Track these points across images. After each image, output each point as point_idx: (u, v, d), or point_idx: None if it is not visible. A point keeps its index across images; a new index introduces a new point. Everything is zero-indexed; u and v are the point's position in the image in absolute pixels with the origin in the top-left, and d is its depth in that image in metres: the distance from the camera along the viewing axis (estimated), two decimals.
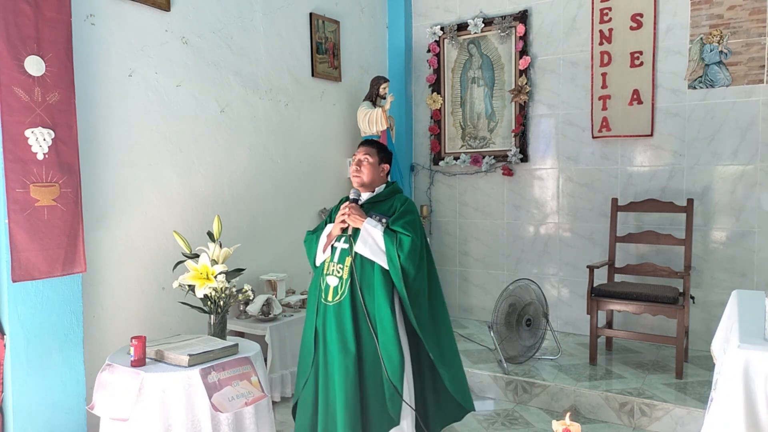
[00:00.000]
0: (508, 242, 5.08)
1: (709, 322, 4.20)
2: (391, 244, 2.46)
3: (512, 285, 4.05)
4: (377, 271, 2.51)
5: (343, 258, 2.56)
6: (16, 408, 2.60)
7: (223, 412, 2.28)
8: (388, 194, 2.68)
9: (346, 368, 2.45)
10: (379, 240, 2.48)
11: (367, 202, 2.64)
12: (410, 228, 2.50)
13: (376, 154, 2.67)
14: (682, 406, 3.28)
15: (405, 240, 2.45)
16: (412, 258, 2.46)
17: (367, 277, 2.51)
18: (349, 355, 2.46)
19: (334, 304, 2.54)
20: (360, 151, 2.68)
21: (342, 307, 2.51)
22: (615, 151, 4.59)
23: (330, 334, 2.52)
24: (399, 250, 2.45)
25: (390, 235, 2.47)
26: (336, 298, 2.53)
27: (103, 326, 3.06)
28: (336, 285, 2.55)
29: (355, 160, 2.67)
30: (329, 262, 2.61)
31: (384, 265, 2.49)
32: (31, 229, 2.60)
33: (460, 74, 5.26)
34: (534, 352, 4.14)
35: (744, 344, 1.88)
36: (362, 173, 2.64)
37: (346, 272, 2.53)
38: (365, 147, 2.70)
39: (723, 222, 4.22)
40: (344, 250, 2.56)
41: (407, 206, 2.60)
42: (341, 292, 2.53)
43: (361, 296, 2.49)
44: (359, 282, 2.49)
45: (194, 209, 3.57)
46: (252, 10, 4.00)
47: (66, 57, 2.73)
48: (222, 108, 3.78)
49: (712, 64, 4.18)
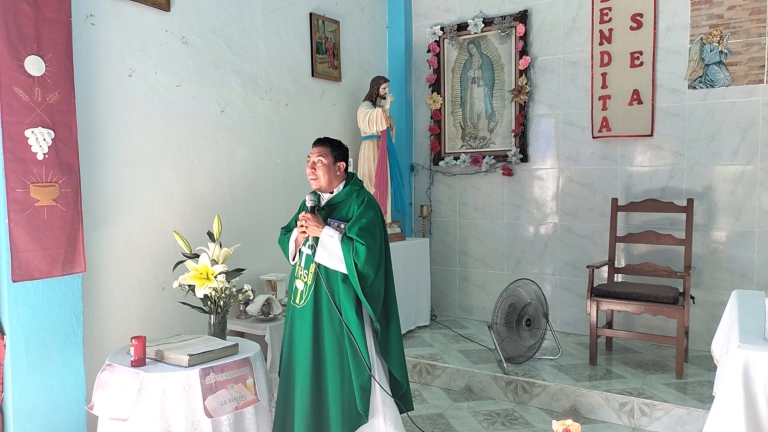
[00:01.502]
0: (508, 242, 5.08)
1: (709, 322, 4.20)
2: (348, 252, 2.47)
3: (512, 285, 4.05)
4: (340, 277, 2.54)
5: (308, 263, 2.61)
6: (16, 408, 2.60)
7: (214, 416, 2.28)
8: (347, 194, 2.65)
9: (305, 370, 2.54)
10: (336, 249, 2.49)
11: (327, 205, 2.65)
12: (366, 233, 2.49)
13: (329, 154, 2.63)
14: (682, 406, 3.28)
15: (360, 248, 2.46)
16: (370, 264, 2.47)
17: (331, 282, 2.56)
18: (308, 357, 2.55)
19: (300, 307, 2.61)
20: (313, 152, 2.63)
21: (305, 311, 2.58)
22: (615, 151, 4.59)
23: (296, 337, 2.62)
24: (356, 258, 2.46)
25: (347, 243, 2.48)
26: (301, 302, 2.61)
27: (103, 326, 3.06)
28: (302, 290, 2.62)
29: (309, 161, 2.64)
30: (297, 266, 2.67)
31: (343, 271, 2.51)
32: (31, 229, 2.60)
33: (460, 74, 5.26)
34: (534, 352, 4.14)
35: (744, 344, 1.88)
36: (318, 176, 2.61)
37: (310, 278, 2.59)
38: (318, 147, 2.65)
39: (723, 222, 4.22)
40: (309, 255, 2.60)
41: (364, 208, 2.57)
42: (305, 297, 2.59)
43: (324, 301, 2.55)
44: (325, 287, 2.54)
45: (194, 209, 3.57)
46: (252, 10, 4.00)
47: (66, 57, 2.73)
48: (222, 108, 3.78)
49: (712, 64, 4.18)
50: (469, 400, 3.81)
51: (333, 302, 2.53)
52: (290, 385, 2.62)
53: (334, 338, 2.54)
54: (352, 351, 2.52)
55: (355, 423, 2.53)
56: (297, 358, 2.60)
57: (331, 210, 2.63)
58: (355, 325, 2.51)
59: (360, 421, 2.53)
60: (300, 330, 2.60)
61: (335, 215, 2.60)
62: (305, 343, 2.57)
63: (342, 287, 2.54)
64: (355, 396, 2.51)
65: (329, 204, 2.65)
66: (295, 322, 2.63)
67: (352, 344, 2.51)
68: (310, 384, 2.54)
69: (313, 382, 2.54)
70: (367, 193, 2.67)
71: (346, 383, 2.52)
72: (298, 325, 2.61)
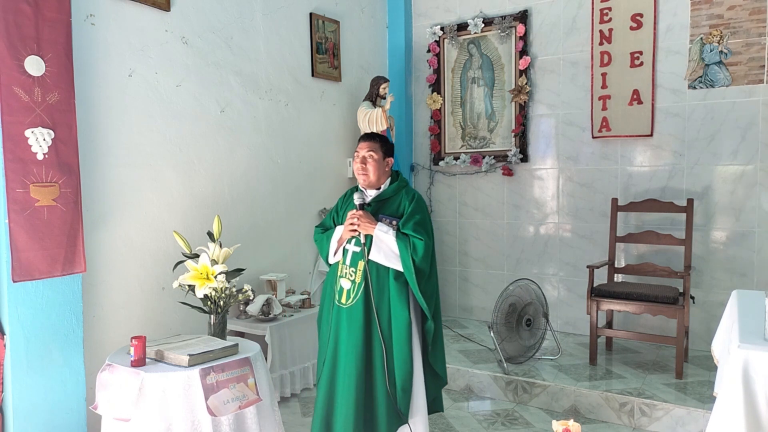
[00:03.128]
0: (508, 242, 5.08)
1: (709, 322, 4.20)
2: (405, 249, 2.43)
3: (512, 285, 4.05)
4: (392, 274, 2.50)
5: (355, 261, 2.53)
6: (16, 408, 2.60)
7: (217, 415, 2.28)
8: (395, 190, 2.60)
9: (352, 370, 2.46)
10: (392, 246, 2.45)
11: (374, 201, 2.57)
12: (421, 229, 2.48)
13: (380, 149, 2.57)
14: (682, 406, 3.28)
15: (418, 244, 2.43)
16: (426, 259, 2.45)
17: (381, 281, 2.51)
18: (359, 357, 2.47)
19: (347, 307, 2.53)
20: (363, 147, 2.56)
21: (354, 310, 2.50)
22: (615, 151, 4.59)
23: (342, 336, 2.53)
24: (414, 255, 2.43)
25: (403, 240, 2.45)
26: (349, 301, 2.52)
27: (103, 326, 3.06)
28: (349, 288, 2.53)
29: (359, 157, 2.56)
30: (342, 264, 2.58)
31: (399, 268, 2.48)
32: (31, 229, 2.60)
33: (460, 74, 5.26)
34: (534, 352, 4.14)
35: (744, 344, 1.88)
36: (368, 171, 2.55)
37: (359, 276, 2.51)
38: (368, 142, 2.57)
39: (723, 222, 4.22)
40: (356, 253, 2.53)
41: (416, 204, 2.55)
42: (354, 296, 2.51)
43: (374, 300, 2.49)
44: (373, 286, 2.48)
45: (194, 209, 3.57)
46: (252, 10, 4.00)
47: (66, 57, 2.73)
48: (222, 108, 3.78)
49: (712, 64, 4.18)
50: (469, 400, 3.81)
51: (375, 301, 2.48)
52: (334, 384, 2.53)
53: (387, 337, 2.50)
54: (398, 350, 2.49)
55: (396, 424, 2.51)
56: (344, 358, 2.50)
57: (379, 206, 2.56)
58: (405, 324, 2.47)
59: (400, 422, 2.51)
60: (349, 329, 2.50)
61: (384, 211, 2.54)
62: (355, 342, 2.48)
63: (393, 285, 2.49)
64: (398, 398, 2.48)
65: (377, 200, 2.57)
66: (341, 321, 2.53)
67: (399, 343, 2.48)
68: (357, 384, 2.45)
69: (360, 381, 2.46)
70: (415, 190, 2.66)
71: (391, 383, 2.49)
72: (346, 324, 2.51)
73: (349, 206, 2.63)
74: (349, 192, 2.71)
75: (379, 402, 2.49)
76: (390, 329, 2.50)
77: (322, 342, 2.65)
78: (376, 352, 2.50)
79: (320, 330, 2.70)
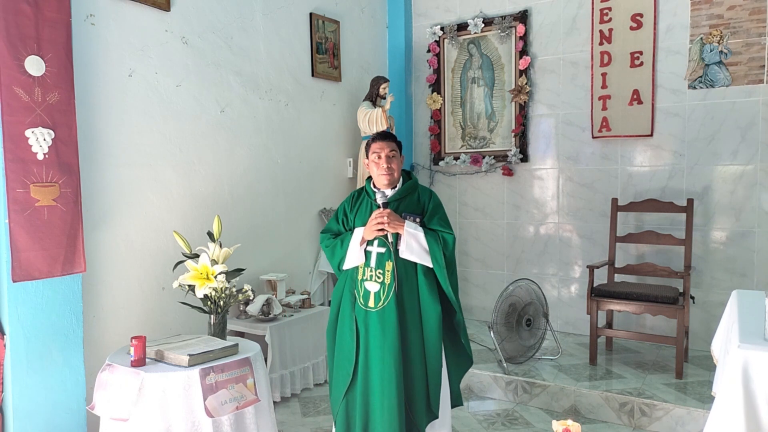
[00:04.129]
0: (508, 242, 5.08)
1: (709, 322, 4.20)
2: (436, 244, 2.47)
3: (512, 285, 4.05)
4: (420, 272, 2.52)
5: (382, 263, 2.51)
6: (16, 408, 2.60)
7: (215, 416, 2.28)
8: (411, 188, 2.61)
9: (395, 372, 2.44)
10: (423, 242, 2.48)
11: (393, 200, 2.56)
12: (446, 224, 2.56)
13: (397, 148, 2.58)
14: (682, 406, 3.28)
15: (448, 238, 2.50)
16: (454, 254, 2.53)
17: (410, 279, 2.52)
18: (396, 360, 2.45)
19: (377, 310, 2.49)
20: (383, 147, 2.54)
21: (387, 312, 2.47)
22: (615, 151, 4.59)
23: (374, 340, 2.48)
24: (445, 249, 2.48)
25: (432, 236, 2.49)
26: (380, 304, 2.49)
27: (103, 326, 3.06)
28: (377, 291, 2.50)
29: (382, 157, 2.53)
30: (365, 267, 2.54)
31: (428, 264, 2.49)
32: (31, 229, 2.60)
33: (460, 74, 5.26)
34: (534, 352, 4.14)
35: (744, 344, 1.88)
36: (393, 171, 2.54)
37: (388, 277, 2.49)
38: (387, 142, 2.55)
39: (723, 222, 4.22)
40: (381, 254, 2.51)
41: (435, 200, 2.61)
42: (384, 298, 2.49)
43: (406, 299, 2.50)
44: (404, 285, 2.49)
45: (194, 209, 3.57)
46: (252, 10, 4.00)
47: (66, 57, 2.73)
48: (222, 108, 3.78)
49: (712, 64, 4.18)
50: (469, 400, 3.81)
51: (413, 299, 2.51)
52: (368, 390, 2.48)
53: (417, 335, 2.50)
54: (429, 347, 2.51)
55: (429, 420, 2.55)
56: (379, 362, 2.46)
57: (398, 204, 2.56)
58: (437, 320, 2.50)
59: (432, 417, 2.55)
60: (383, 332, 2.46)
61: (404, 209, 2.55)
62: (391, 343, 2.44)
63: (423, 281, 2.51)
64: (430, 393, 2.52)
65: (396, 199, 2.57)
66: (372, 325, 2.48)
67: (431, 340, 2.51)
68: (398, 386, 2.44)
69: (401, 383, 2.45)
70: (431, 189, 2.73)
71: (425, 380, 2.52)
72: (379, 327, 2.46)
73: (363, 208, 2.61)
74: (356, 193, 2.70)
75: (417, 401, 2.51)
76: (421, 327, 2.52)
77: (343, 351, 2.56)
78: (412, 352, 2.50)
79: (337, 339, 2.61)
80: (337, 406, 2.58)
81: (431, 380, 2.53)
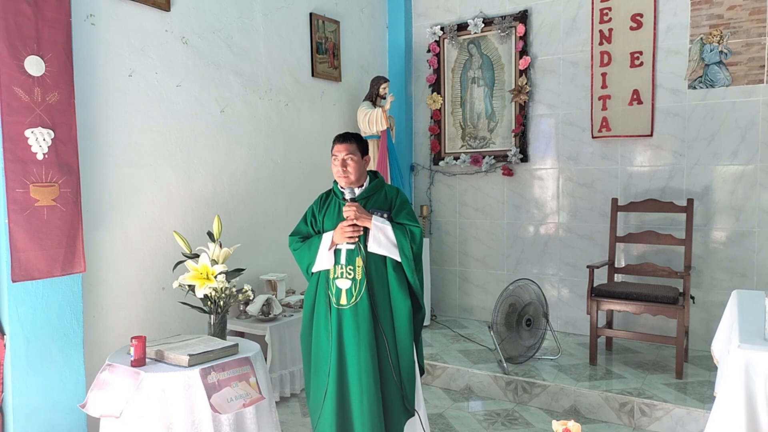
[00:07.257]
0: (508, 242, 5.08)
1: (709, 322, 4.20)
2: (404, 237, 2.51)
3: (512, 285, 4.05)
4: (389, 265, 2.55)
5: (352, 259, 2.53)
6: (16, 408, 2.60)
7: (222, 413, 2.27)
8: (378, 186, 2.66)
9: (369, 368, 2.46)
10: (390, 236, 2.51)
11: (361, 198, 2.60)
12: (413, 218, 2.60)
13: (357, 150, 2.60)
14: (682, 406, 3.28)
15: (416, 231, 2.54)
16: (421, 247, 2.57)
17: (380, 274, 2.54)
18: (372, 355, 2.47)
19: (350, 306, 2.50)
20: (340, 150, 2.57)
21: (360, 308, 2.50)
22: (615, 151, 4.59)
23: (348, 338, 2.50)
24: (412, 242, 2.51)
25: (400, 229, 2.52)
26: (352, 300, 2.51)
27: (103, 326, 3.06)
28: (349, 287, 2.52)
29: (339, 160, 2.57)
30: (335, 265, 2.56)
31: (396, 258, 2.53)
32: (31, 229, 2.60)
33: (460, 74, 5.26)
34: (534, 352, 4.14)
35: (744, 344, 1.88)
36: (349, 173, 2.57)
37: (359, 273, 2.52)
38: (345, 144, 2.59)
39: (723, 222, 4.22)
40: (351, 250, 2.54)
41: (402, 197, 2.66)
42: (356, 294, 2.51)
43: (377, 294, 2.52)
44: (374, 280, 2.52)
45: (194, 209, 3.57)
46: (252, 10, 4.00)
47: (66, 57, 2.73)
48: (222, 108, 3.78)
49: (712, 64, 4.18)
50: (469, 400, 3.81)
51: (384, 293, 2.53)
52: (345, 388, 2.50)
53: (390, 330, 2.53)
54: (401, 342, 2.53)
55: (405, 417, 2.56)
56: (355, 359, 2.47)
57: (365, 202, 2.60)
58: (407, 314, 2.53)
59: (409, 414, 2.56)
60: (357, 328, 2.47)
61: (372, 206, 2.58)
62: (365, 339, 2.46)
63: (393, 275, 2.54)
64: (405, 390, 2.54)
65: (363, 196, 2.60)
66: (345, 322, 2.50)
67: (402, 334, 2.53)
68: (375, 382, 2.46)
69: (376, 379, 2.47)
70: (397, 187, 2.78)
71: (397, 375, 2.53)
72: (352, 324, 2.48)
73: (332, 209, 2.64)
74: (324, 195, 2.73)
75: (392, 397, 2.52)
76: (392, 321, 2.54)
77: (320, 353, 2.57)
78: (382, 347, 2.52)
79: (314, 342, 2.61)
80: (318, 411, 2.55)
81: (405, 375, 2.54)
